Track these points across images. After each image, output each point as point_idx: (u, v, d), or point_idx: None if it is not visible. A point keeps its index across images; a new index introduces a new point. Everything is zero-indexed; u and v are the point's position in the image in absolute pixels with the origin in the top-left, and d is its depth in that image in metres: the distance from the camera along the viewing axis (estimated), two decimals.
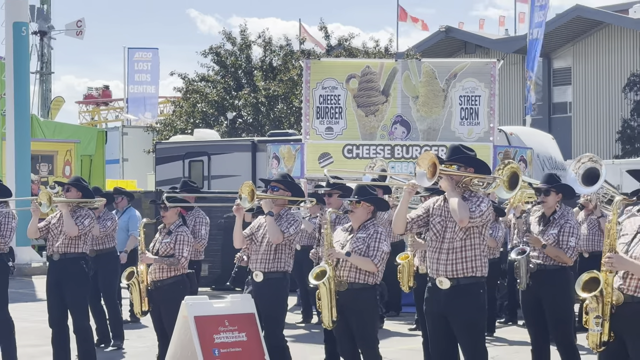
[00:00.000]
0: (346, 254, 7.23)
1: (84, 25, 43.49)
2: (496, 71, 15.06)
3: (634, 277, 5.29)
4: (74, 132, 23.95)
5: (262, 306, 7.86)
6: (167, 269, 8.32)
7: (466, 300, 6.48)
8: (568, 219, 7.96)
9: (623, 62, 38.94)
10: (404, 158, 14.58)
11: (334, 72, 15.38)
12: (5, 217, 9.36)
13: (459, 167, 6.62)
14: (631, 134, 34.11)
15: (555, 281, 7.80)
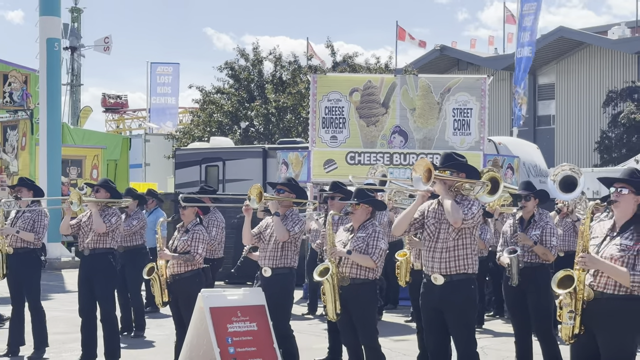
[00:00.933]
0: (347, 252, 7.24)
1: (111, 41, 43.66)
2: (486, 86, 15.04)
3: (604, 275, 5.34)
4: (100, 139, 23.97)
5: (270, 299, 7.84)
6: (184, 264, 8.32)
7: (459, 295, 6.48)
8: (547, 221, 8.03)
9: (602, 79, 38.94)
10: (402, 165, 14.57)
11: (338, 86, 15.37)
12: (38, 215, 9.49)
13: (451, 173, 6.62)
14: (609, 145, 34.07)
15: (538, 278, 7.84)
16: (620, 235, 5.44)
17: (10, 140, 22.59)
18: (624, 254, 5.33)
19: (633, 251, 5.33)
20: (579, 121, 39.66)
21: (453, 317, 6.50)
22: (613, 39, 39.40)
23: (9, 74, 22.02)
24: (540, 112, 41.12)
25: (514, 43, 23.91)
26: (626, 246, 5.36)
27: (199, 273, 8.52)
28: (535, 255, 7.90)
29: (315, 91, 15.35)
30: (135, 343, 10.58)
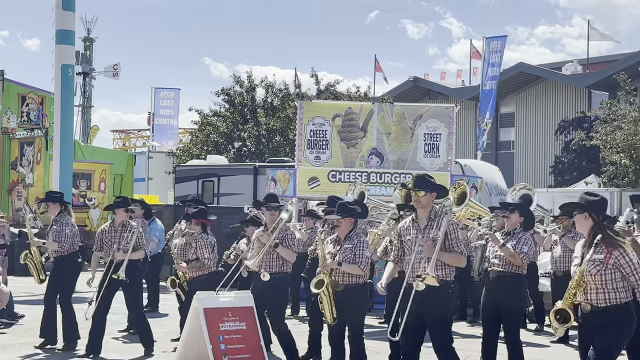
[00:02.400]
0: (338, 264, 7.30)
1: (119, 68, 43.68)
2: (454, 114, 15.10)
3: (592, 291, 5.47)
4: (108, 155, 23.86)
5: (268, 301, 7.98)
6: (195, 269, 8.86)
7: (438, 299, 6.47)
8: (524, 234, 8.04)
9: (556, 109, 39.21)
10: (378, 183, 14.58)
11: (322, 112, 15.39)
12: (62, 226, 9.57)
13: (426, 192, 6.62)
14: (562, 168, 34.25)
15: (511, 286, 7.80)
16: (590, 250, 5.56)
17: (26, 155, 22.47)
18: (599, 268, 5.44)
19: (604, 264, 5.43)
20: (535, 147, 39.86)
21: (432, 318, 6.61)
22: (566, 74, 39.68)
23: (27, 96, 21.96)
24: (502, 138, 41.28)
25: (479, 76, 24.01)
26: (599, 260, 5.46)
27: (210, 276, 8.83)
28: (509, 265, 7.85)
29: (301, 116, 15.37)
30: (136, 339, 10.50)
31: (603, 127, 23.63)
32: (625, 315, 5.45)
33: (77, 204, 21.29)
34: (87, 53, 45.60)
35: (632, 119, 22.00)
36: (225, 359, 7.29)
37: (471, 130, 37.48)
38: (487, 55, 21.71)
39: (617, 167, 22.88)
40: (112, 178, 21.84)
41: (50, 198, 9.84)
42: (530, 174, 38.84)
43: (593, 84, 36.78)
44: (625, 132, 22.04)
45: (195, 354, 7.68)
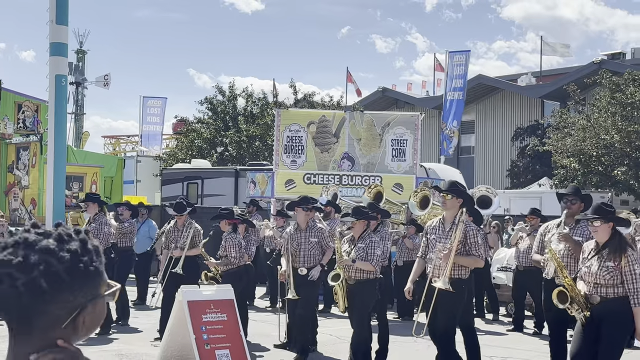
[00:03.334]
0: (352, 261, 7.58)
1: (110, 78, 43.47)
2: (419, 122, 15.19)
3: (600, 285, 5.75)
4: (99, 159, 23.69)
5: (304, 292, 8.35)
6: (224, 265, 9.17)
7: (452, 294, 6.60)
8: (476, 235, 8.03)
9: (512, 118, 39.53)
10: (350, 185, 14.62)
11: (298, 119, 15.41)
12: (101, 224, 10.01)
13: (452, 197, 6.83)
14: (517, 172, 34.55)
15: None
16: (600, 254, 5.80)
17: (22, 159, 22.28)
18: (612, 274, 5.69)
19: (617, 270, 5.67)
20: (493, 152, 40.16)
21: (443, 310, 6.74)
22: (522, 86, 40.04)
23: (22, 104, 21.76)
24: (463, 144, 41.50)
25: (442, 87, 24.14)
26: (611, 267, 5.71)
27: (238, 270, 9.08)
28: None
29: (279, 123, 15.37)
30: (125, 330, 10.45)
31: (554, 134, 23.88)
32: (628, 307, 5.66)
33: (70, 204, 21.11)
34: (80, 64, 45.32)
35: (581, 126, 22.26)
36: (207, 347, 7.28)
37: (435, 137, 37.69)
38: (450, 68, 21.82)
39: (567, 170, 23.11)
40: (102, 180, 21.70)
41: (90, 198, 10.17)
42: (489, 176, 39.12)
43: (546, 94, 37.13)
44: (575, 139, 22.29)
45: (179, 343, 7.66)
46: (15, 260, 1.45)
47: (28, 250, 1.47)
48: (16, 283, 1.43)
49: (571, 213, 6.90)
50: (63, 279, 1.47)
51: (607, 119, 21.29)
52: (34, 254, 1.46)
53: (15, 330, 1.49)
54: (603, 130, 21.43)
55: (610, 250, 5.75)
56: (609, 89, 21.88)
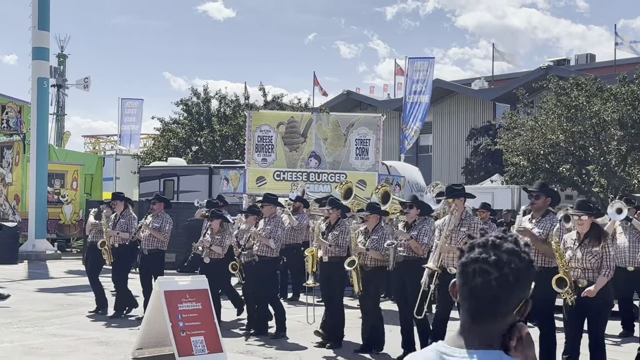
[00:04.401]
0: (367, 249, 8.00)
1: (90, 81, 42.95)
2: (381, 123, 15.22)
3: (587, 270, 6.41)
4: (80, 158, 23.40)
5: (327, 279, 8.65)
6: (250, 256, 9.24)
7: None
8: (424, 225, 8.00)
9: (467, 119, 39.85)
10: (317, 181, 14.61)
11: (268, 120, 15.35)
12: (129, 219, 10.39)
13: (454, 199, 7.22)
14: (471, 169, 34.84)
15: (414, 269, 7.83)
16: (583, 243, 6.45)
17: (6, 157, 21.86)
18: (596, 257, 6.36)
19: (599, 254, 6.37)
20: (449, 150, 40.49)
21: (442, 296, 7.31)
22: (475, 89, 40.38)
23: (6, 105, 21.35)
24: (421, 143, 41.75)
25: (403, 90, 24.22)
26: (595, 252, 6.37)
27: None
28: (412, 251, 7.89)
29: (250, 124, 15.29)
30: (105, 318, 10.32)
31: (505, 134, 24.12)
32: (608, 287, 6.42)
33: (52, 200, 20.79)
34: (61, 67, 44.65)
35: (529, 127, 22.51)
36: (183, 334, 7.22)
37: (396, 137, 37.85)
38: (410, 73, 21.89)
39: (517, 167, 23.38)
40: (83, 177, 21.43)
41: (116, 197, 10.61)
42: (445, 173, 39.43)
43: (497, 97, 37.50)
44: (524, 139, 22.55)
45: (157, 331, 7.59)
46: (491, 259, 1.68)
47: (497, 251, 1.70)
48: (490, 277, 1.66)
49: (537, 207, 6.92)
50: (523, 275, 1.69)
51: (553, 120, 21.56)
52: (503, 254, 1.69)
53: (478, 315, 1.70)
54: (549, 131, 21.70)
55: (592, 238, 6.41)
56: (555, 92, 22.15)
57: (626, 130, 20.75)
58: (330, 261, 8.48)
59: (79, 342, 8.57)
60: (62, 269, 17.18)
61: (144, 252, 10.07)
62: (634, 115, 20.62)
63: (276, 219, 9.13)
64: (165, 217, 10.21)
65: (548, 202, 6.96)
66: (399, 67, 38.77)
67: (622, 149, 21.32)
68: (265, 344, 8.59)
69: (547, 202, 6.94)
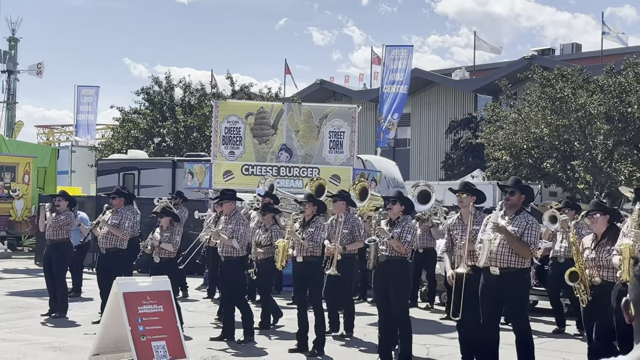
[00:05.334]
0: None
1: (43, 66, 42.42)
2: (356, 114, 15.24)
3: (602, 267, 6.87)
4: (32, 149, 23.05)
5: (338, 277, 9.00)
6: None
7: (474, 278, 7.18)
8: (407, 223, 8.00)
9: (447, 111, 40.12)
10: (287, 176, 14.58)
11: (236, 111, 15.28)
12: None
13: (467, 195, 7.52)
14: (451, 164, 35.10)
15: (397, 269, 7.84)
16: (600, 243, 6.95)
17: None
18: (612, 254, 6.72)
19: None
20: (428, 144, 40.73)
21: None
22: (455, 80, 40.64)
23: None
24: (399, 136, 41.94)
25: (379, 80, 24.24)
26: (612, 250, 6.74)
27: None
28: (395, 250, 7.87)
29: (217, 114, 15.21)
30: (60, 322, 10.21)
31: (487, 127, 24.30)
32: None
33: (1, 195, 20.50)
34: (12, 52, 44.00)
35: (512, 120, 22.71)
36: (143, 339, 7.16)
37: (372, 129, 37.97)
38: (388, 62, 21.91)
39: (499, 162, 23.58)
40: (35, 171, 21.13)
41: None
42: (424, 168, 39.66)
43: (478, 88, 37.81)
44: (506, 132, 22.75)
45: (115, 335, 7.52)
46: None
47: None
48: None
49: (511, 204, 6.97)
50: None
51: (537, 113, 21.78)
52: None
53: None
54: (533, 124, 21.91)
55: (609, 238, 6.84)
56: (539, 84, 22.38)
57: (613, 124, 21.04)
58: (305, 260, 8.45)
59: (30, 348, 8.46)
60: (12, 269, 16.97)
61: (102, 251, 9.97)
62: (621, 108, 20.90)
63: (237, 216, 9.06)
64: (125, 214, 10.08)
65: (522, 199, 7.02)
66: (375, 55, 38.84)
67: (608, 144, 21.62)
68: (232, 349, 8.57)
69: (521, 199, 7.01)
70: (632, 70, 21.66)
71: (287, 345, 8.70)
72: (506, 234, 6.75)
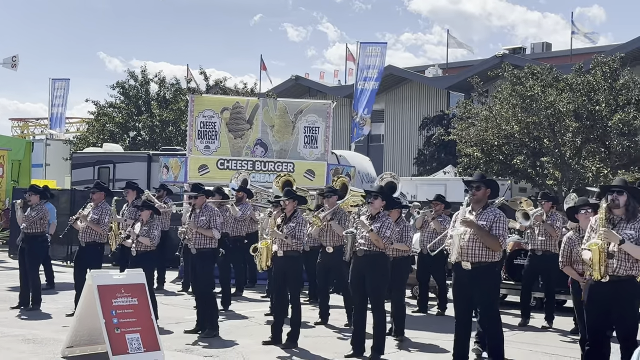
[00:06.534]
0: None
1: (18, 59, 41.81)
2: (331, 110, 15.23)
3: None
4: (6, 142, 22.72)
5: (333, 268, 9.66)
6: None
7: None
8: (387, 218, 7.99)
9: (420, 108, 40.29)
10: (262, 170, 14.55)
11: (212, 105, 15.20)
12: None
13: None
14: (423, 160, 35.28)
15: (376, 263, 7.85)
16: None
17: None
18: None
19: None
20: (401, 140, 40.88)
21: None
22: (429, 77, 40.81)
23: None
24: (373, 132, 41.99)
25: (354, 76, 24.24)
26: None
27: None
28: (373, 245, 7.85)
29: (192, 109, 15.13)
30: (33, 315, 10.11)
31: (459, 124, 24.44)
32: None
33: None
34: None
35: (483, 117, 22.86)
36: (117, 332, 7.11)
37: (346, 125, 38.00)
38: (362, 58, 21.93)
39: (471, 158, 23.73)
40: (10, 164, 20.86)
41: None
42: (397, 164, 39.80)
43: (451, 85, 37.99)
44: (478, 129, 22.89)
45: (89, 328, 7.46)
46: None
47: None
48: None
49: (477, 199, 7.00)
50: None
51: (508, 110, 21.94)
52: None
53: None
54: (504, 121, 22.08)
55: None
56: (510, 82, 22.55)
57: (581, 122, 21.28)
58: (286, 255, 8.39)
59: (3, 340, 8.36)
60: None
61: (81, 244, 9.95)
62: (589, 106, 21.15)
63: (208, 208, 9.18)
64: (106, 208, 10.11)
65: (488, 193, 7.06)
66: (350, 52, 38.85)
67: (576, 141, 21.86)
68: (205, 342, 8.54)
69: (487, 193, 7.04)
70: (601, 69, 21.92)
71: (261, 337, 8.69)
72: (476, 228, 6.78)
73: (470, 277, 6.83)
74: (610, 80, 21.72)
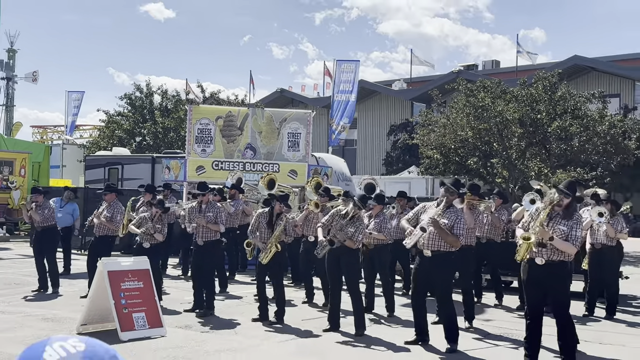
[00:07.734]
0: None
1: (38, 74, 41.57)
2: (311, 118, 15.24)
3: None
4: (28, 146, 22.48)
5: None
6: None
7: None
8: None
9: (388, 116, 40.41)
10: (252, 171, 14.50)
11: (208, 114, 15.13)
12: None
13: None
14: (391, 161, 35.39)
15: (351, 253, 7.84)
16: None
17: None
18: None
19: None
20: (372, 144, 40.99)
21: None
22: (395, 90, 40.98)
23: None
24: (348, 137, 42.09)
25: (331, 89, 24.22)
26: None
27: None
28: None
29: (191, 117, 15.04)
30: (50, 296, 9.99)
31: (421, 130, 24.51)
32: None
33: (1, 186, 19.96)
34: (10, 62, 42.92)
35: (442, 124, 22.94)
36: (125, 311, 7.05)
37: (324, 131, 38.01)
38: (338, 74, 21.91)
39: (431, 160, 23.83)
40: (31, 165, 20.64)
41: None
42: (368, 165, 39.90)
43: (414, 97, 38.15)
44: (437, 134, 22.98)
45: (100, 308, 7.39)
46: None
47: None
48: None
49: (448, 201, 6.97)
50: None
51: (463, 118, 22.05)
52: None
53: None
54: (459, 128, 22.18)
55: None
56: (465, 94, 22.65)
57: (525, 128, 21.45)
58: None
59: (26, 319, 8.25)
60: (10, 251, 16.54)
61: (96, 236, 10.01)
62: (532, 115, 21.33)
63: (214, 205, 9.11)
64: (117, 207, 10.13)
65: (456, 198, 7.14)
66: (327, 68, 38.84)
67: (521, 145, 22.03)
68: (202, 320, 8.48)
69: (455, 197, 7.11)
70: (542, 83, 22.08)
71: (251, 315, 8.65)
72: (440, 231, 6.76)
73: (429, 263, 6.85)
74: (549, 92, 21.89)
